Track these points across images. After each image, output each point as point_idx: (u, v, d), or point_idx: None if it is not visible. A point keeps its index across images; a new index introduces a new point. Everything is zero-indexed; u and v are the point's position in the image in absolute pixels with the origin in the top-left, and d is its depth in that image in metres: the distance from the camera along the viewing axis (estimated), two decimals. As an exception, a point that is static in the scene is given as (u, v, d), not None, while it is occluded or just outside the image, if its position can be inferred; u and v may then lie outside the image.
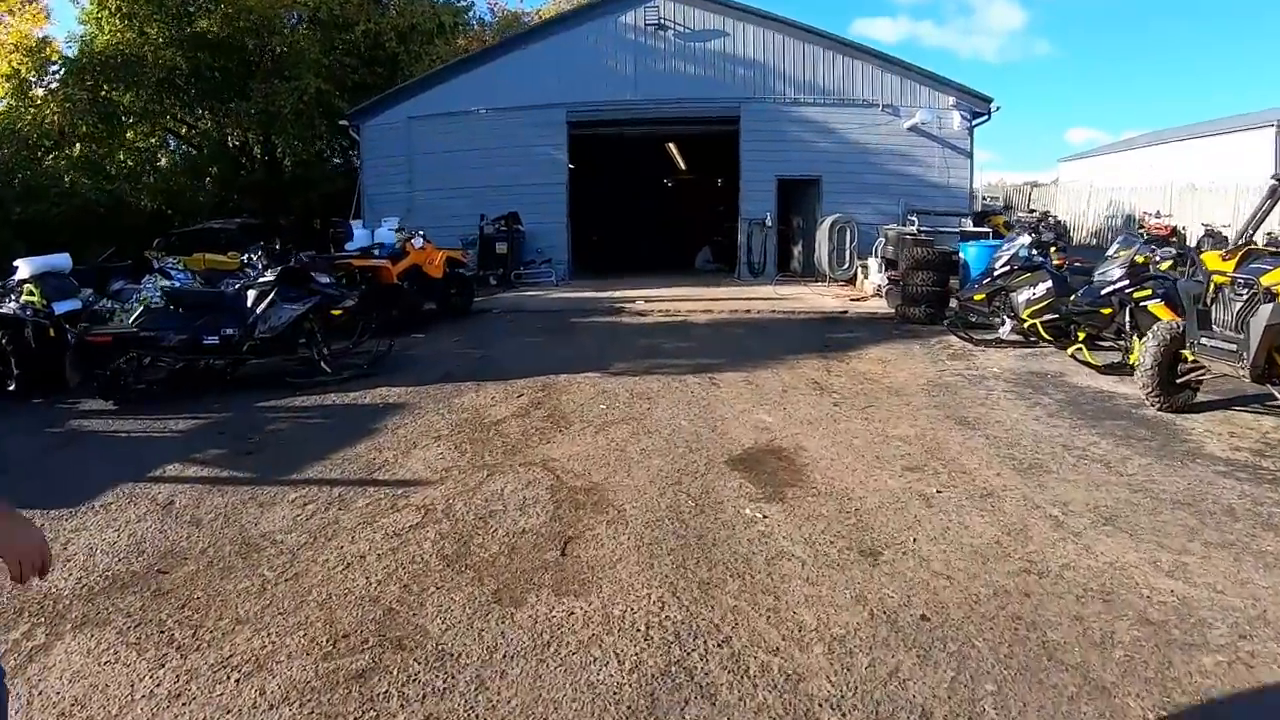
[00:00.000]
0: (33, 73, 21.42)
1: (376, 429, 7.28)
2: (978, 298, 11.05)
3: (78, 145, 22.65)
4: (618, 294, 16.55)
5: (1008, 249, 11.05)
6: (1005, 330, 10.57)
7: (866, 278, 16.32)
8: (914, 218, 16.57)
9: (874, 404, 7.56)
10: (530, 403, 7.93)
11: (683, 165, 29.40)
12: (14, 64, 21.13)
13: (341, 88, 23.66)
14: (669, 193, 31.32)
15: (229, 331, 9.23)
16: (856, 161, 19.51)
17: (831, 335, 11.55)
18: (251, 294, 9.62)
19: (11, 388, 9.14)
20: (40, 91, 21.58)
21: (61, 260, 10.98)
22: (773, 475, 5.66)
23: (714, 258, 24.30)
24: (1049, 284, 9.97)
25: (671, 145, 26.38)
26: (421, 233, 14.45)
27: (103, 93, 21.78)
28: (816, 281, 18.09)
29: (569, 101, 20.17)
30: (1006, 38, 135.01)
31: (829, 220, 17.82)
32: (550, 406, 7.75)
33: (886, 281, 14.47)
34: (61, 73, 21.74)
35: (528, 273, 19.97)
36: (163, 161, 24.86)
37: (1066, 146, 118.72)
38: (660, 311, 13.82)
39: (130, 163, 23.50)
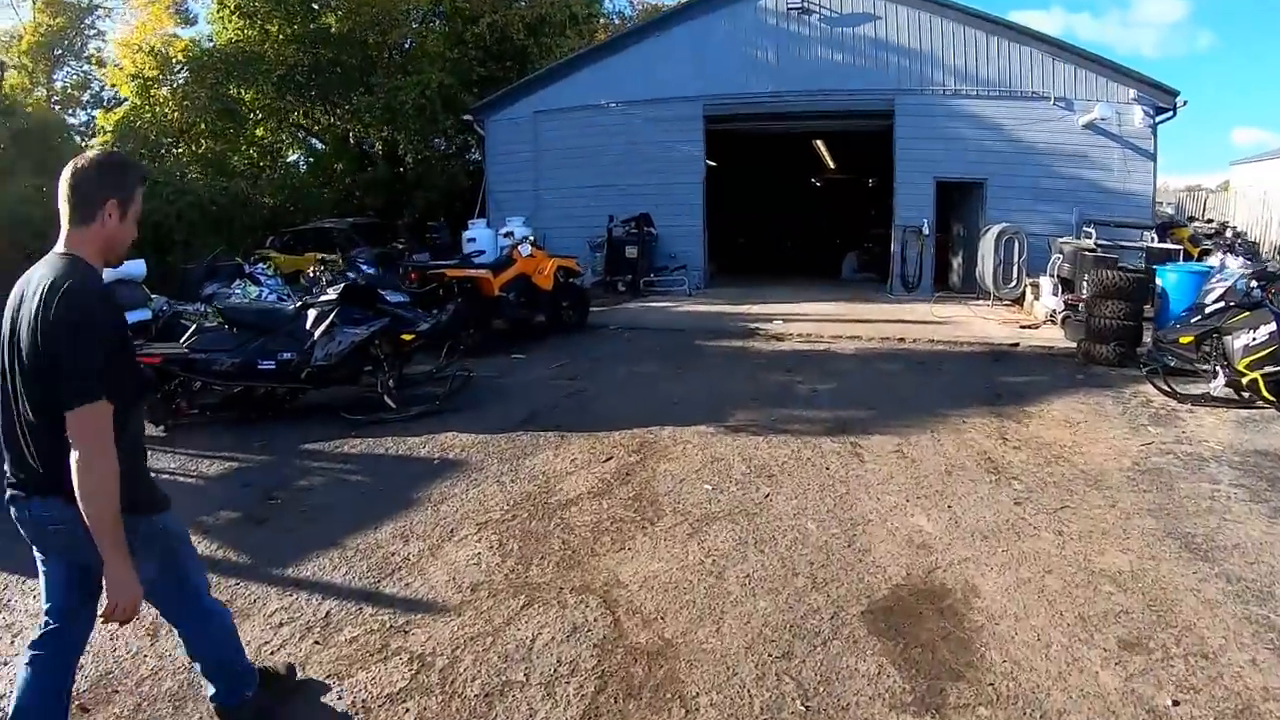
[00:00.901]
0: (155, 71, 21.12)
1: (416, 500, 5.70)
2: (1185, 340, 8.54)
3: (202, 143, 22.28)
4: (754, 309, 14.61)
5: (1220, 280, 8.69)
6: (1217, 385, 8.09)
7: (1037, 299, 13.74)
8: (1090, 229, 13.83)
9: (1068, 503, 5.36)
10: (617, 473, 6.12)
11: (831, 164, 27.03)
12: (138, 64, 20.94)
13: (466, 83, 22.72)
14: (815, 194, 29.20)
15: (286, 356, 7.97)
16: (1024, 162, 16.79)
17: (1002, 378, 9.26)
18: (311, 314, 8.25)
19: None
20: (164, 91, 21.26)
21: (135, 268, 10.06)
22: (929, 651, 3.65)
23: (863, 266, 21.95)
24: (1273, 327, 7.58)
25: (819, 142, 24.06)
26: (530, 239, 12.93)
27: (224, 90, 21.35)
28: (978, 300, 15.59)
29: (705, 94, 18.36)
30: (1167, 30, 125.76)
31: (994, 230, 15.17)
32: (640, 481, 5.92)
33: (1063, 306, 11.98)
34: (184, 72, 21.33)
35: (659, 280, 18.24)
36: (288, 158, 24.32)
37: (1231, 147, 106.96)
38: (800, 335, 11.79)
39: (252, 160, 23.00)
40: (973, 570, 4.40)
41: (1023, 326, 12.49)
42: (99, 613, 2.63)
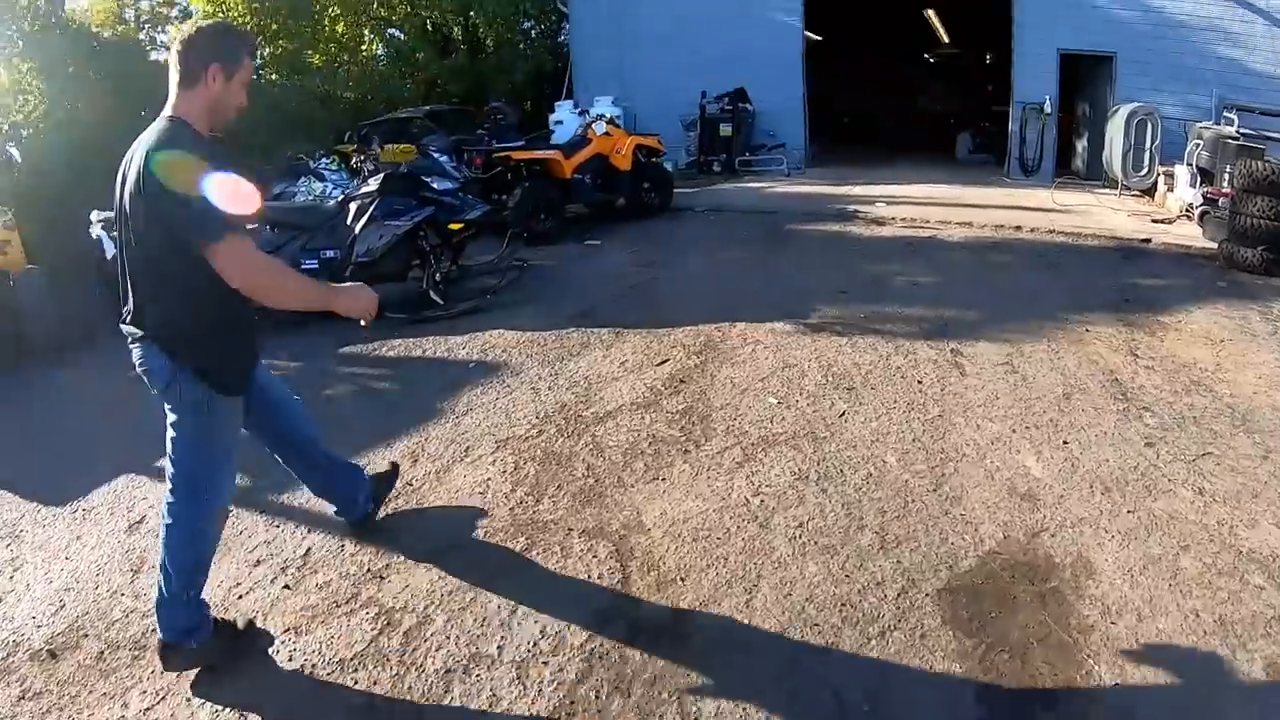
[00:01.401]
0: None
1: (439, 412, 5.01)
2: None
3: (279, 44, 21.57)
4: (856, 190, 13.29)
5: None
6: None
7: (1171, 190, 11.96)
8: (1232, 115, 11.78)
9: (1210, 448, 4.20)
10: (671, 378, 5.25)
11: (945, 37, 24.75)
12: (209, -34, 20.12)
13: None
14: (928, 69, 26.99)
15: (329, 254, 7.36)
16: (1158, 35, 14.48)
17: (1133, 280, 7.82)
18: (353, 208, 7.61)
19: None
20: (234, -1, 20.43)
21: None
22: (1019, 659, 2.71)
23: (978, 148, 20.00)
24: None
25: (931, 13, 21.87)
26: (606, 116, 11.85)
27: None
28: (1104, 188, 13.76)
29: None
30: None
31: (1125, 110, 13.12)
32: (695, 391, 5.03)
33: (1201, 200, 10.33)
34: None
35: (755, 160, 16.92)
36: (367, 51, 23.35)
37: None
38: (904, 220, 10.50)
39: (330, 55, 22.16)
40: (1089, 537, 3.39)
41: (1155, 220, 10.90)
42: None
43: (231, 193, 2.58)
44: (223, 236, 2.51)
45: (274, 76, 20.14)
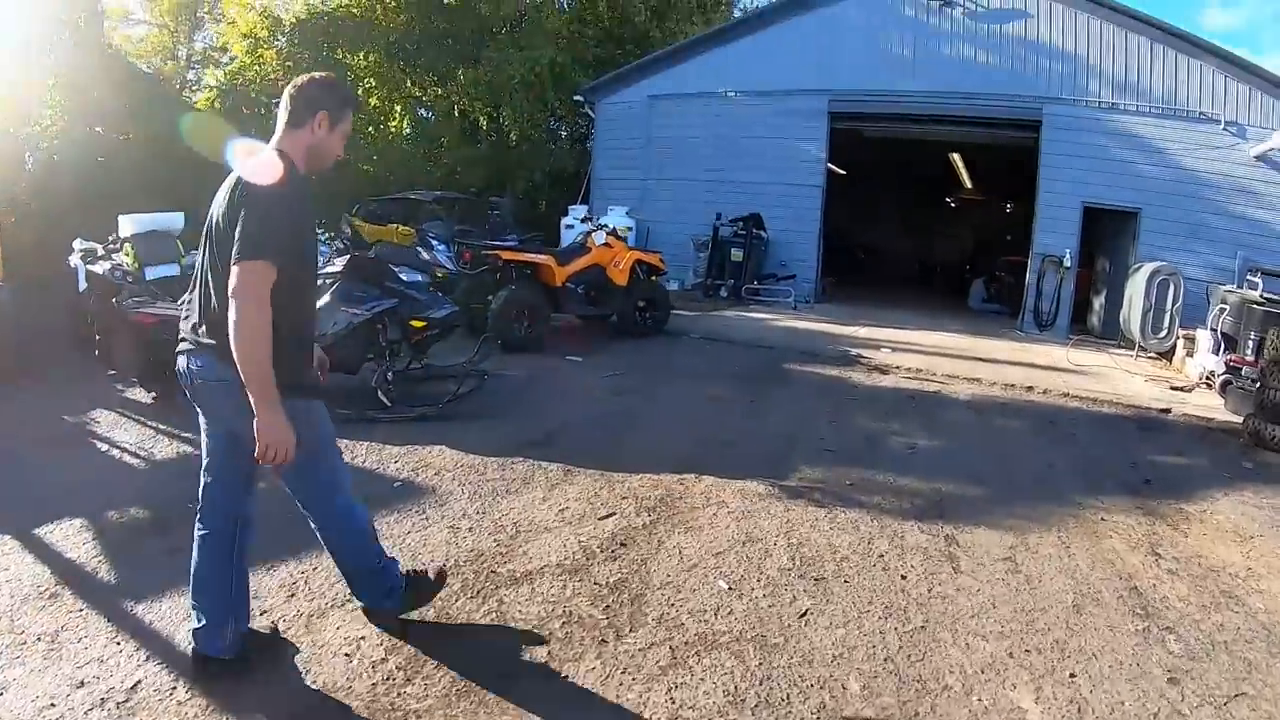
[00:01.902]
0: (266, 31, 20.52)
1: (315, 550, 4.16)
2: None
3: None
4: (863, 332, 12.67)
5: None
6: None
7: (1191, 355, 11.30)
8: (1256, 278, 11.14)
9: (1243, 685, 3.38)
10: (612, 539, 4.46)
11: (967, 182, 24.61)
12: (250, 24, 20.49)
13: (581, 63, 21.38)
14: (948, 214, 26.87)
15: None
16: (1184, 194, 14.10)
17: (1152, 457, 7.07)
18: (312, 287, 6.84)
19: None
20: (271, 52, 20.63)
21: (171, 220, 9.61)
22: None
23: (992, 297, 19.50)
24: None
25: (955, 156, 21.70)
26: (610, 227, 11.37)
27: (332, 53, 20.54)
28: (1121, 348, 13.11)
29: (832, 88, 16.41)
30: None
31: (1147, 269, 12.48)
32: (636, 559, 4.24)
33: (1223, 369, 9.66)
34: (294, 34, 20.63)
35: (764, 289, 16.40)
36: (396, 127, 23.32)
37: None
38: (908, 370, 9.82)
39: (358, 126, 22.01)
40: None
41: (1174, 388, 10.20)
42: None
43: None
44: (250, 258, 2.64)
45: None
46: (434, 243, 13.85)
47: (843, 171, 21.37)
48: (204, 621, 2.99)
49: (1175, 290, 12.17)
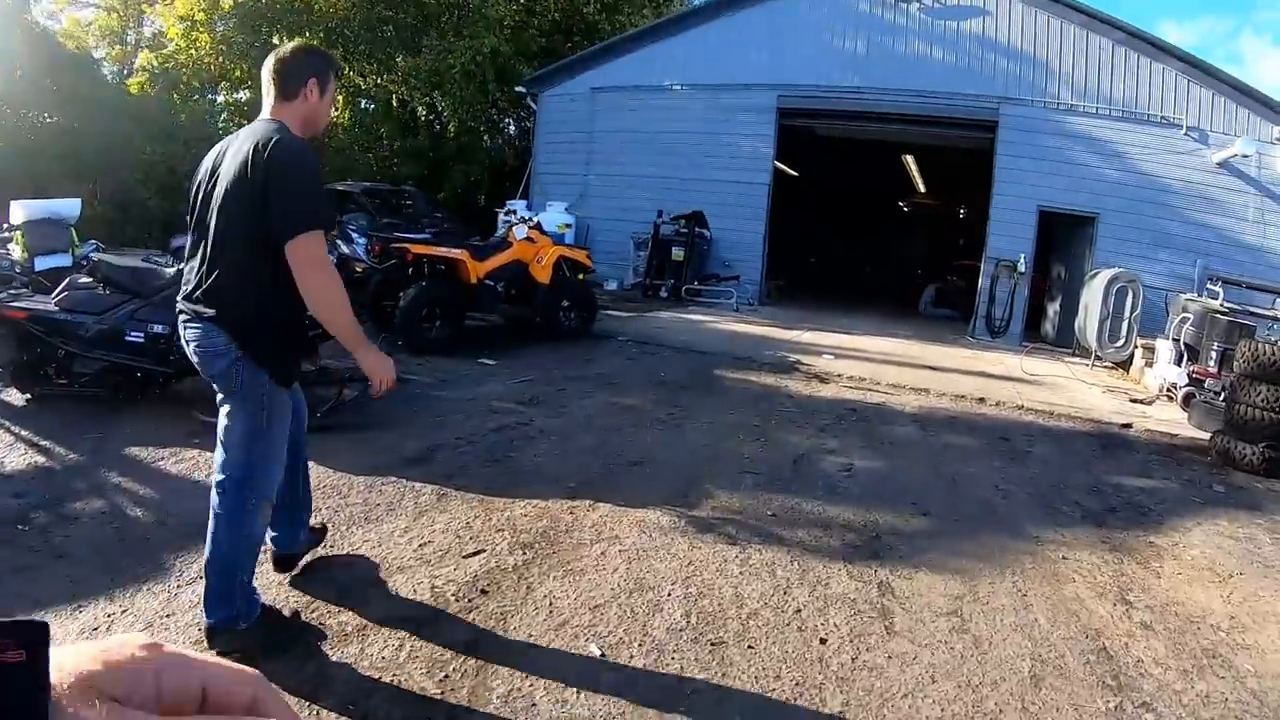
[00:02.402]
0: (203, 14, 19.46)
1: (163, 569, 3.56)
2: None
3: (244, 92, 20.53)
4: (806, 337, 11.98)
5: None
6: None
7: (1150, 366, 10.74)
8: (1216, 287, 10.61)
9: None
10: (473, 583, 3.64)
11: (920, 187, 24.13)
12: (190, 5, 19.36)
13: (526, 54, 20.72)
14: (900, 218, 26.47)
15: (157, 329, 5.91)
16: (1144, 199, 13.71)
17: (1115, 478, 6.37)
18: (192, 282, 6.01)
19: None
20: (206, 36, 19.62)
21: (66, 208, 9.02)
22: None
23: (943, 301, 18.96)
24: None
25: (909, 158, 21.16)
26: (531, 220, 10.55)
27: (269, 38, 19.39)
28: (1076, 357, 12.61)
29: (781, 83, 15.80)
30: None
31: (1105, 276, 11.97)
32: (496, 611, 3.41)
33: (1186, 380, 9.12)
34: (231, 17, 19.66)
35: (706, 290, 15.69)
36: (336, 117, 22.26)
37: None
38: (851, 379, 9.09)
39: (293, 115, 21.01)
40: None
41: (1133, 400, 9.61)
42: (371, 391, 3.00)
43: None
44: (305, 230, 2.73)
45: (224, 124, 19.37)
46: (354, 236, 13.08)
47: (794, 173, 20.80)
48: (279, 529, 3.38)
49: (1134, 298, 11.64)
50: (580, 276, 10.68)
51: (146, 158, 17.02)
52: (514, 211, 12.43)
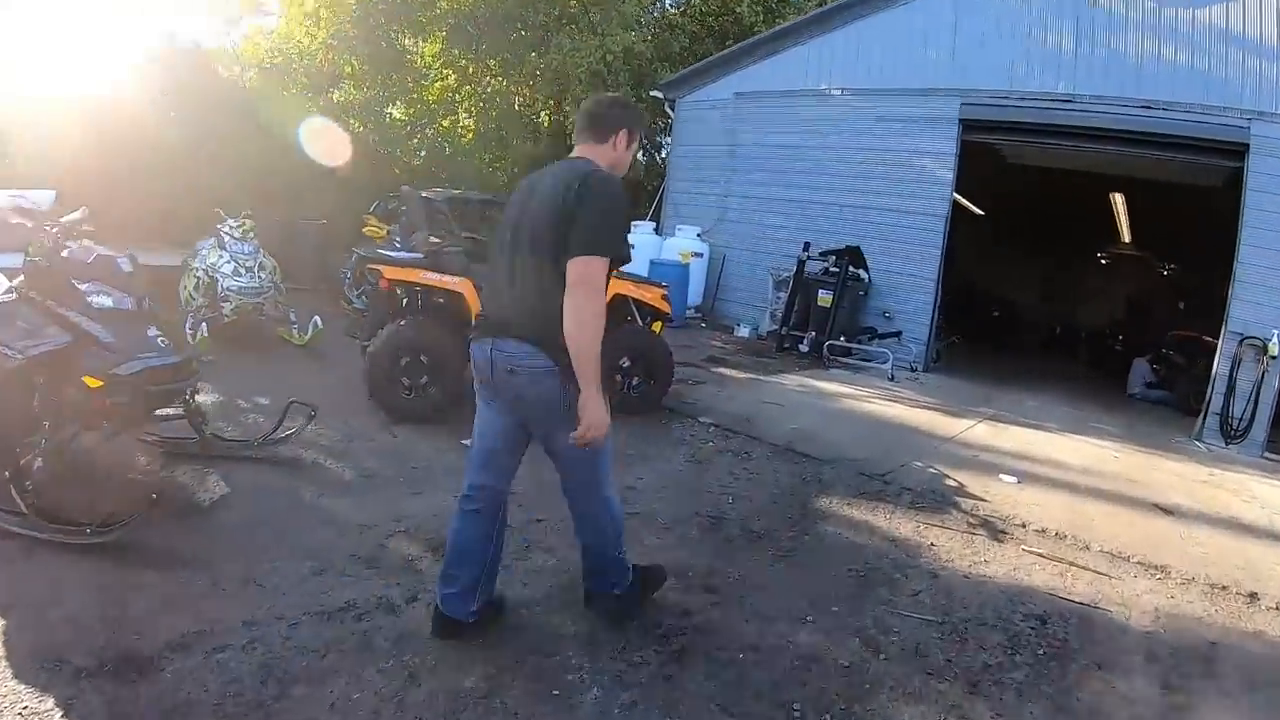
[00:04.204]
0: (324, 8, 17.61)
1: None
2: None
3: (364, 89, 18.63)
4: (978, 430, 8.62)
5: None
6: None
7: None
8: None
9: None
10: None
11: (1125, 230, 19.70)
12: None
13: (667, 57, 18.08)
14: (1097, 269, 22.25)
15: None
16: None
17: None
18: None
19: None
20: (323, 32, 17.77)
21: (40, 196, 7.51)
22: None
23: (1157, 381, 14.56)
24: None
25: (1118, 197, 16.99)
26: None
27: (388, 32, 17.76)
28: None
29: (966, 88, 12.33)
30: None
31: None
32: None
33: None
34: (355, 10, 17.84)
35: (857, 347, 12.33)
36: (460, 125, 20.18)
37: None
38: (1041, 533, 5.59)
39: (412, 115, 19.00)
40: None
41: None
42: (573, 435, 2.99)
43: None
44: (593, 253, 2.94)
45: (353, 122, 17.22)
46: (398, 246, 10.72)
47: (979, 211, 17.23)
48: (456, 588, 3.34)
49: None
50: (656, 325, 7.71)
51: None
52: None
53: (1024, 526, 5.65)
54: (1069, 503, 6.33)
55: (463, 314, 6.43)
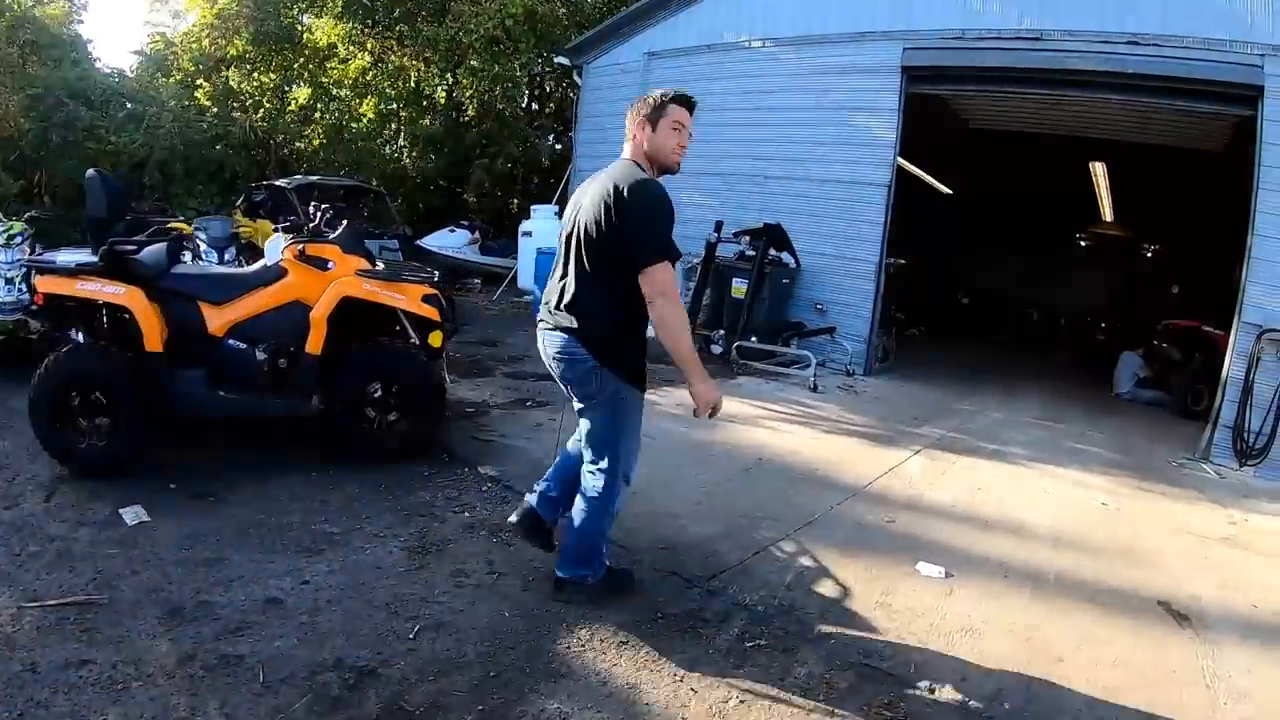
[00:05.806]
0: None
1: None
2: None
3: (257, 78, 17.27)
4: (907, 469, 6.37)
5: None
6: None
7: None
8: None
9: None
10: None
11: (1108, 209, 17.50)
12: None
13: (581, 19, 16.50)
14: (1076, 252, 20.45)
15: None
16: None
17: None
18: None
19: None
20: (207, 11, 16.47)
21: None
22: None
23: (1150, 379, 12.18)
24: None
25: (1098, 167, 14.73)
26: (304, 234, 5.33)
27: (280, 13, 16.42)
28: None
29: (909, 29, 10.04)
30: None
31: None
32: None
33: None
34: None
35: (776, 349, 10.07)
36: (364, 106, 18.40)
37: None
38: (974, 694, 3.35)
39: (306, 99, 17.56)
40: None
41: None
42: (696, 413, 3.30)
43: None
44: (657, 260, 3.11)
45: (208, 110, 16.02)
46: (201, 243, 8.69)
47: (946, 190, 15.18)
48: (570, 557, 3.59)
49: None
50: (434, 338, 5.30)
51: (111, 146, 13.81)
52: (290, 223, 6.67)
53: (945, 690, 3.25)
54: (1026, 620, 3.94)
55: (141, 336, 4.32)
